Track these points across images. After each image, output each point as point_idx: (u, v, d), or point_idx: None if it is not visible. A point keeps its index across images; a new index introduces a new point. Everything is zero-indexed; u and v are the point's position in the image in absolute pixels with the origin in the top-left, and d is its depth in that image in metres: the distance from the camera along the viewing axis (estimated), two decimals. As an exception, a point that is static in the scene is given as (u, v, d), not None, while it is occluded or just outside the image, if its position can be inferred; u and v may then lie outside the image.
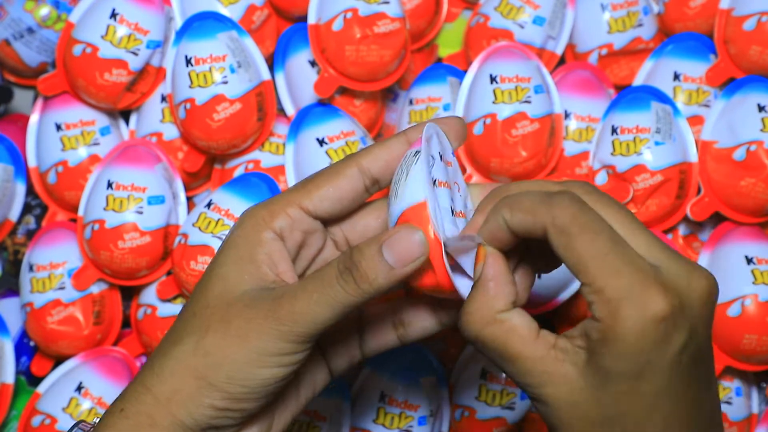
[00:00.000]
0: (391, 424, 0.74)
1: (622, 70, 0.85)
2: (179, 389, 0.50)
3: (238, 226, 0.53)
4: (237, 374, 0.50)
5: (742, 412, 0.77)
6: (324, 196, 0.53)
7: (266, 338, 0.49)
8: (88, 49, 0.78)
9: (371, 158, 0.53)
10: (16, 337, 0.85)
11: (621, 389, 0.46)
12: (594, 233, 0.46)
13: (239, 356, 0.50)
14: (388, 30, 0.78)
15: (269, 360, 0.50)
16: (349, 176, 0.53)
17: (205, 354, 0.50)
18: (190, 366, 0.51)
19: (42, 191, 0.84)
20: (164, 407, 0.50)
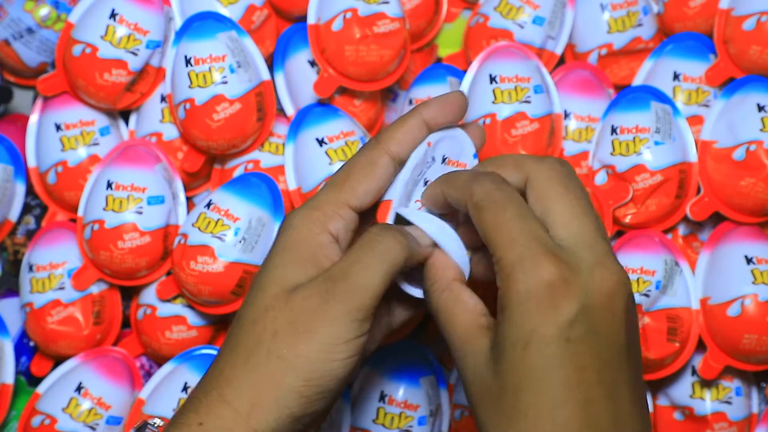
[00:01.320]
0: (391, 424, 0.74)
1: (621, 69, 0.85)
2: (259, 402, 0.50)
3: (293, 229, 0.53)
4: (312, 374, 0.50)
5: (742, 412, 0.77)
6: (367, 191, 0.54)
7: (332, 322, 0.50)
8: (88, 50, 0.78)
9: (397, 144, 0.54)
10: (16, 337, 0.85)
11: (511, 359, 0.47)
12: (501, 207, 0.49)
13: (312, 354, 0.50)
14: (387, 30, 0.78)
15: (340, 348, 0.50)
16: (385, 166, 0.54)
17: (279, 359, 0.50)
18: (267, 375, 0.50)
19: (42, 191, 0.84)
20: (245, 422, 0.50)
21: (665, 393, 0.79)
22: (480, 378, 0.49)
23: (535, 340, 0.46)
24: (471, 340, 0.50)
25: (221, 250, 0.74)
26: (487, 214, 0.49)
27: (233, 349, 0.52)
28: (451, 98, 0.56)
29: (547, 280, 0.46)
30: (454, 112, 0.56)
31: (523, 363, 0.46)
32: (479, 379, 0.49)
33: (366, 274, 0.50)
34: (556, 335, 0.46)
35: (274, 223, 0.76)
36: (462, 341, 0.50)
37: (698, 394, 0.77)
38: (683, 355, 0.75)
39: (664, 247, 0.76)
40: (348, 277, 0.50)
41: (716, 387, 0.77)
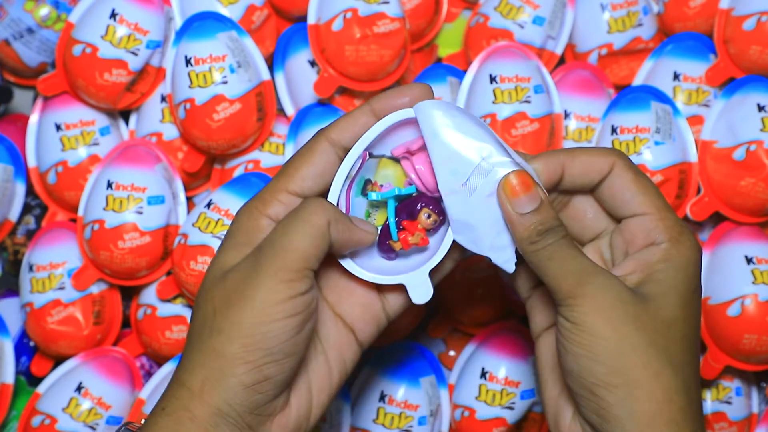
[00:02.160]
0: (391, 424, 0.74)
1: (621, 69, 0.85)
2: (207, 376, 0.51)
3: (235, 220, 0.55)
4: (249, 339, 0.50)
5: (742, 412, 0.77)
6: (305, 175, 0.55)
7: (262, 288, 0.51)
8: (88, 49, 0.78)
9: (338, 130, 0.55)
10: (16, 337, 0.85)
11: (679, 298, 0.52)
12: (649, 180, 0.56)
13: (246, 319, 0.51)
14: (387, 30, 0.78)
15: (275, 310, 0.50)
16: (322, 151, 0.55)
17: (219, 332, 0.51)
18: (210, 350, 0.51)
19: (42, 191, 0.84)
20: (198, 398, 0.51)
21: (665, 393, 0.78)
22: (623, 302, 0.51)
23: (698, 292, 0.54)
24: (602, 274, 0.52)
25: (221, 250, 0.74)
26: (645, 179, 0.55)
27: (187, 337, 0.54)
28: (407, 90, 0.56)
29: (700, 258, 0.54)
30: (407, 102, 0.55)
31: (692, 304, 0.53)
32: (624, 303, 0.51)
33: (290, 237, 0.51)
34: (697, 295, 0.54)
35: (274, 223, 0.76)
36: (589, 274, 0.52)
37: (698, 394, 0.77)
38: (683, 355, 0.75)
39: (664, 247, 0.76)
40: (273, 243, 0.51)
41: (716, 387, 0.77)
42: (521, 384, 0.75)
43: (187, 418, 0.51)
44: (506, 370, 0.76)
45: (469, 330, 0.81)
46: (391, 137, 0.56)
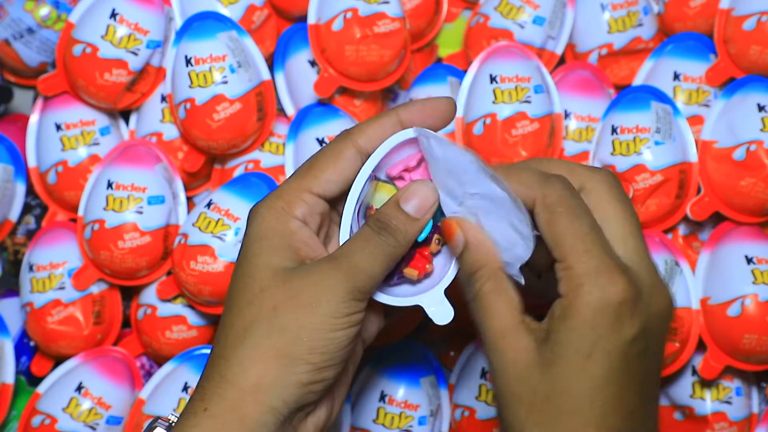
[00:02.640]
0: (391, 424, 0.74)
1: (622, 69, 0.85)
2: (264, 374, 0.51)
3: (261, 218, 0.55)
4: (317, 343, 0.51)
5: (742, 412, 0.77)
6: (329, 179, 0.55)
7: (338, 300, 0.52)
8: (88, 49, 0.78)
9: (367, 138, 0.55)
10: (16, 337, 0.85)
11: (570, 365, 0.48)
12: (576, 216, 0.50)
13: (315, 324, 0.51)
14: (388, 30, 0.78)
15: (342, 321, 0.52)
16: (350, 158, 0.55)
17: (282, 331, 0.51)
18: (269, 348, 0.51)
19: (42, 191, 0.84)
20: (252, 397, 0.51)
21: (665, 393, 0.79)
22: (522, 377, 0.50)
23: (599, 352, 0.48)
24: (512, 336, 0.51)
25: (221, 250, 0.74)
26: (561, 220, 0.50)
27: (229, 332, 0.53)
28: (435, 103, 0.56)
29: (619, 298, 0.48)
30: (436, 117, 0.56)
31: (583, 371, 0.48)
32: (520, 378, 0.50)
33: (369, 260, 0.52)
34: (619, 350, 0.48)
35: (275, 223, 0.76)
36: (501, 336, 0.51)
37: (698, 394, 0.77)
38: (683, 355, 0.75)
39: (664, 247, 0.76)
40: (352, 260, 0.52)
41: (716, 387, 0.77)
42: (521, 384, 0.75)
43: (235, 420, 0.50)
44: (506, 370, 0.76)
45: (469, 330, 0.81)
46: (389, 161, 0.56)
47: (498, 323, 0.51)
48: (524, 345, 0.50)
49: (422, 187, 0.54)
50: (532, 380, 0.49)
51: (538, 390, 0.49)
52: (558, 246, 0.50)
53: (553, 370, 0.49)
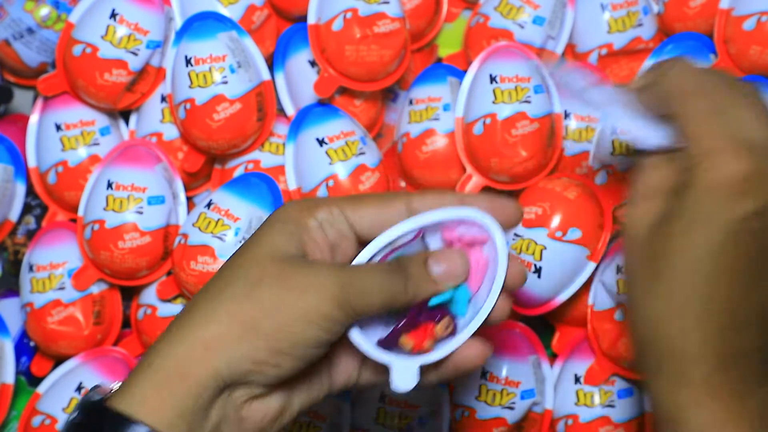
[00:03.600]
0: (392, 424, 0.74)
1: (622, 70, 0.85)
2: (222, 334, 0.49)
3: (283, 210, 0.54)
4: (287, 326, 0.50)
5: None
6: (368, 214, 0.55)
7: (324, 298, 0.50)
8: (88, 50, 0.78)
9: (422, 202, 0.55)
10: (16, 337, 0.85)
11: (676, 229, 0.49)
12: (708, 97, 0.51)
13: (295, 308, 0.50)
14: (388, 30, 0.78)
15: (319, 320, 0.50)
16: (397, 210, 0.55)
17: (259, 301, 0.50)
18: (239, 311, 0.50)
19: (42, 191, 0.84)
20: (199, 355, 0.49)
21: (665, 393, 0.78)
22: (638, 235, 0.52)
23: (707, 220, 0.48)
24: (651, 197, 0.53)
25: (222, 250, 0.74)
26: (694, 102, 0.51)
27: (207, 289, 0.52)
28: (505, 203, 0.56)
29: (741, 174, 0.48)
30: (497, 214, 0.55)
31: (689, 237, 0.49)
32: (637, 237, 0.52)
33: (371, 287, 0.51)
34: (727, 225, 0.48)
35: (275, 223, 0.76)
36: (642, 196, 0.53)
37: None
38: (683, 355, 0.75)
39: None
40: (355, 277, 0.51)
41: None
42: (521, 384, 0.75)
43: (178, 378, 0.49)
44: (507, 369, 0.76)
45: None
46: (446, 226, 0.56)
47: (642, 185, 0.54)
48: (650, 207, 0.52)
49: (457, 257, 0.54)
50: (644, 240, 0.51)
51: (647, 250, 0.50)
52: (686, 126, 0.51)
53: (661, 231, 0.50)
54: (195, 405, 0.49)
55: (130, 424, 0.48)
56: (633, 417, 0.76)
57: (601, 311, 0.76)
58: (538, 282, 0.75)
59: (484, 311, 0.55)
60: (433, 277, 0.54)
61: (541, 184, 0.77)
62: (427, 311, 0.54)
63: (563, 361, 0.79)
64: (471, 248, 0.56)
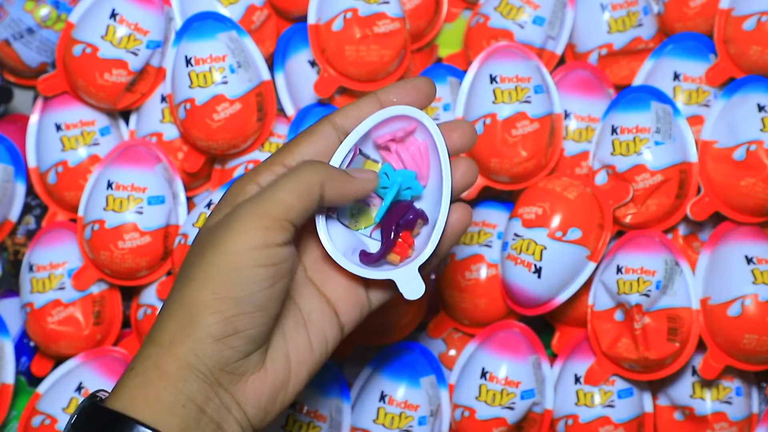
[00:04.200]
0: (391, 424, 0.74)
1: (622, 70, 0.85)
2: (177, 329, 0.51)
3: (228, 188, 0.55)
4: (220, 285, 0.50)
5: (742, 412, 0.77)
6: (303, 152, 0.55)
7: (236, 232, 0.50)
8: (88, 50, 0.78)
9: (343, 116, 0.56)
10: (16, 337, 0.85)
11: None
12: None
13: (217, 263, 0.50)
14: (387, 30, 0.78)
15: (246, 257, 0.50)
16: (325, 134, 0.56)
17: (189, 280, 0.51)
18: (179, 301, 0.51)
19: (42, 191, 0.84)
20: (168, 352, 0.50)
21: (665, 393, 0.79)
22: None
23: None
24: None
25: (221, 250, 0.73)
26: None
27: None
28: (413, 83, 0.57)
29: None
30: (413, 96, 0.56)
31: None
32: None
33: (273, 189, 0.51)
34: None
35: (275, 223, 0.76)
36: None
37: (698, 394, 0.77)
38: (683, 355, 0.75)
39: (664, 247, 0.76)
40: (264, 193, 0.52)
41: (716, 387, 0.77)
42: (521, 384, 0.75)
43: (156, 377, 0.50)
44: (506, 370, 0.76)
45: (469, 330, 0.81)
46: (375, 132, 0.57)
47: None
48: None
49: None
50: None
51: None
52: None
53: None
54: (178, 399, 0.50)
55: (126, 422, 0.49)
56: (633, 417, 0.77)
57: (601, 311, 0.76)
58: (538, 282, 0.75)
59: (447, 181, 0.55)
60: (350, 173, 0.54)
61: (541, 185, 0.77)
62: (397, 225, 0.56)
63: (563, 361, 0.79)
64: (407, 142, 0.57)
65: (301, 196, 0.52)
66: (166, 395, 0.50)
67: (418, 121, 0.56)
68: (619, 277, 0.75)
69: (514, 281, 0.76)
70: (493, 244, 0.79)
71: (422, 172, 0.57)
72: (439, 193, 0.56)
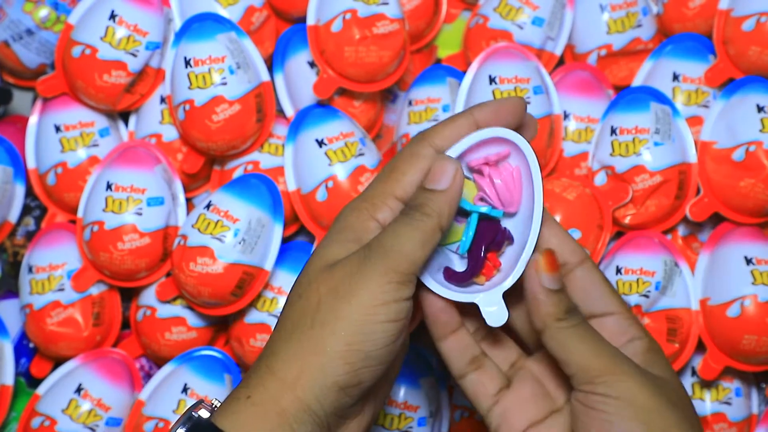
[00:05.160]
0: (391, 425, 0.74)
1: (621, 70, 0.85)
2: (303, 370, 0.51)
3: (342, 217, 0.55)
4: (354, 337, 0.50)
5: (741, 413, 0.77)
6: (411, 181, 0.55)
7: (369, 283, 0.51)
8: (87, 51, 0.78)
9: (442, 137, 0.55)
10: (16, 338, 0.85)
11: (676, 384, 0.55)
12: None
13: (353, 315, 0.50)
14: (387, 31, 0.78)
15: (379, 311, 0.50)
16: (428, 157, 0.54)
17: (322, 325, 0.51)
18: (311, 343, 0.51)
19: (41, 193, 0.84)
20: (291, 391, 0.50)
21: (665, 394, 0.78)
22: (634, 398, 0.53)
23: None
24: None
25: (221, 252, 0.74)
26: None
27: (282, 326, 0.53)
28: (508, 102, 0.56)
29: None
30: (508, 116, 0.55)
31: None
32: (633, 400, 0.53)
33: (403, 240, 0.51)
34: None
35: (274, 224, 0.76)
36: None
37: (698, 395, 0.77)
38: (683, 356, 0.75)
39: (663, 247, 0.76)
40: (383, 243, 0.51)
41: (716, 388, 0.77)
42: (521, 385, 0.75)
43: (275, 412, 0.50)
44: (506, 371, 0.76)
45: (468, 331, 0.81)
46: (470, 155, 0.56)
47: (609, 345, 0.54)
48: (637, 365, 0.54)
49: (440, 160, 0.53)
50: (661, 388, 0.53)
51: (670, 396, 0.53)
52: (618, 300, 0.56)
53: (669, 384, 0.54)
54: None
55: None
56: (632, 418, 0.76)
57: (600, 312, 0.76)
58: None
59: (538, 207, 0.55)
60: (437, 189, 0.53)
61: (540, 185, 0.77)
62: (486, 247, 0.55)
63: (563, 361, 0.79)
64: (501, 166, 0.56)
65: (425, 246, 0.52)
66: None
67: (516, 145, 0.55)
68: (618, 277, 0.75)
69: (514, 282, 0.76)
70: (493, 244, 0.79)
71: (513, 199, 0.56)
72: (529, 215, 0.55)
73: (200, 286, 0.74)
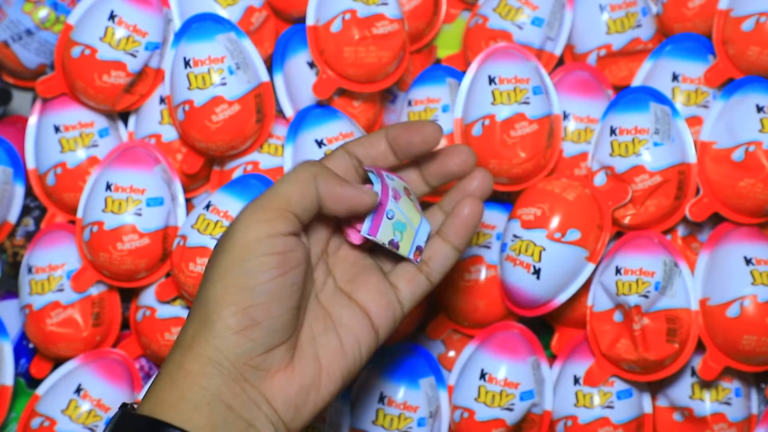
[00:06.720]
0: (391, 426, 0.74)
1: (620, 70, 0.85)
2: (197, 327, 0.52)
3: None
4: (230, 279, 0.52)
5: (741, 413, 0.77)
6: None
7: (240, 227, 0.53)
8: (87, 51, 0.78)
9: (355, 144, 0.60)
10: (15, 339, 0.85)
11: None
12: None
13: (226, 260, 0.52)
14: (386, 31, 0.78)
15: (252, 248, 0.52)
16: (338, 155, 0.59)
17: (205, 281, 0.53)
18: (199, 303, 0.53)
19: (41, 193, 0.84)
20: (189, 351, 0.52)
21: (665, 394, 0.79)
22: None
23: None
24: None
25: (220, 252, 0.73)
26: None
27: None
28: (420, 125, 0.59)
29: None
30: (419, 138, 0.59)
31: None
32: None
33: (276, 185, 0.54)
34: None
35: (274, 224, 0.76)
36: None
37: (698, 395, 0.77)
38: (683, 356, 0.75)
39: (663, 248, 0.76)
40: (265, 192, 0.54)
41: (716, 388, 0.77)
42: (520, 385, 0.75)
43: (181, 376, 0.51)
44: (506, 371, 0.76)
45: (468, 331, 0.81)
46: None
47: None
48: None
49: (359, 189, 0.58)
50: None
51: None
52: None
53: None
54: (203, 397, 0.51)
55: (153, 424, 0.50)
56: (632, 418, 0.76)
57: (600, 312, 0.76)
58: (537, 283, 0.75)
59: None
60: None
61: (539, 186, 0.77)
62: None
63: (562, 362, 0.79)
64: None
65: (299, 186, 0.54)
66: (191, 394, 0.51)
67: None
68: (618, 278, 0.75)
69: (513, 282, 0.76)
70: (492, 245, 0.79)
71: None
72: None
73: (200, 286, 0.74)
